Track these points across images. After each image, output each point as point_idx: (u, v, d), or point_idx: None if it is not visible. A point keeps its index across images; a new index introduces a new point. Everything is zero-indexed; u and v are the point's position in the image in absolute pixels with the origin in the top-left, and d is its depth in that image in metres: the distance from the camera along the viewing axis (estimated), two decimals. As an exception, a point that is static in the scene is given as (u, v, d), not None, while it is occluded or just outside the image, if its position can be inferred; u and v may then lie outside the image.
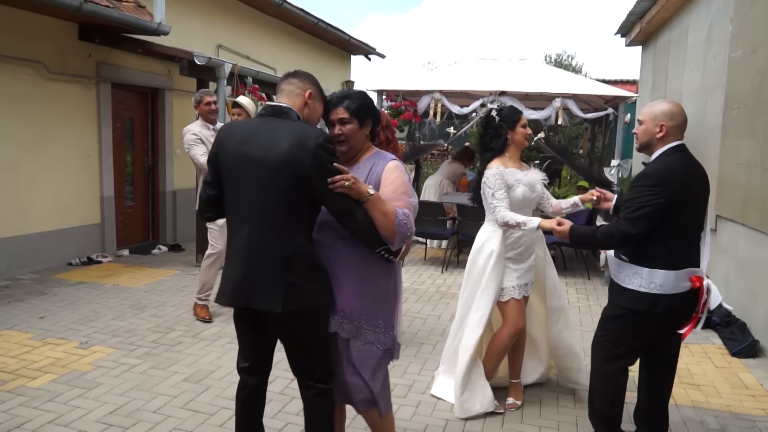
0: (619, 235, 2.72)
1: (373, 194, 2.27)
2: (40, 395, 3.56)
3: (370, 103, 2.50)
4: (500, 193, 3.35)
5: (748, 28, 5.47)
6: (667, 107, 2.85)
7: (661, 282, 2.71)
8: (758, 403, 3.82)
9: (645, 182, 2.72)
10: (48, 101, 6.68)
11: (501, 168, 3.40)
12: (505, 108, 3.55)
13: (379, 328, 2.46)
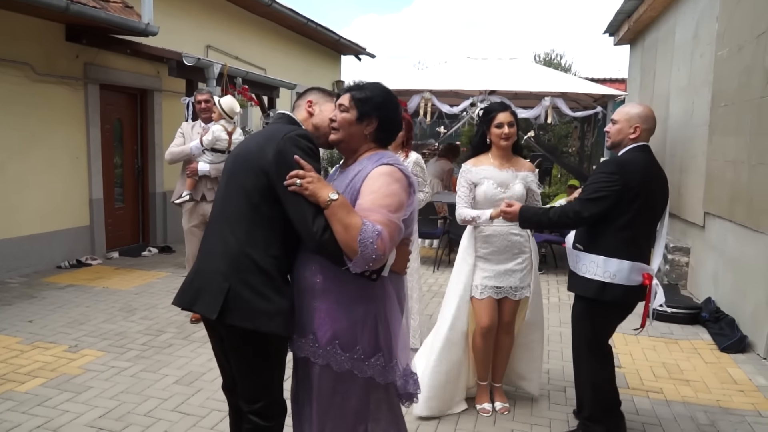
0: (572, 215, 2.88)
1: (335, 200, 1.93)
2: (28, 399, 3.53)
3: (384, 102, 2.17)
4: (462, 191, 3.44)
5: (734, 27, 5.51)
6: (642, 110, 3.00)
7: (614, 271, 2.86)
8: (747, 398, 3.85)
9: (605, 169, 2.92)
10: (35, 103, 6.62)
11: (468, 166, 3.46)
12: (487, 106, 3.57)
13: (358, 355, 2.06)
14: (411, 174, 2.12)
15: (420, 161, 4.72)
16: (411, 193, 2.08)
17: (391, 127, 2.21)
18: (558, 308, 5.87)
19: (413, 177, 2.13)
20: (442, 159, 9.46)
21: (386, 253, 1.93)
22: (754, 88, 4.92)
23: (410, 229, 2.16)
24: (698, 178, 6.22)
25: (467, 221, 3.40)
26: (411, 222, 2.16)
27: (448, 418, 3.46)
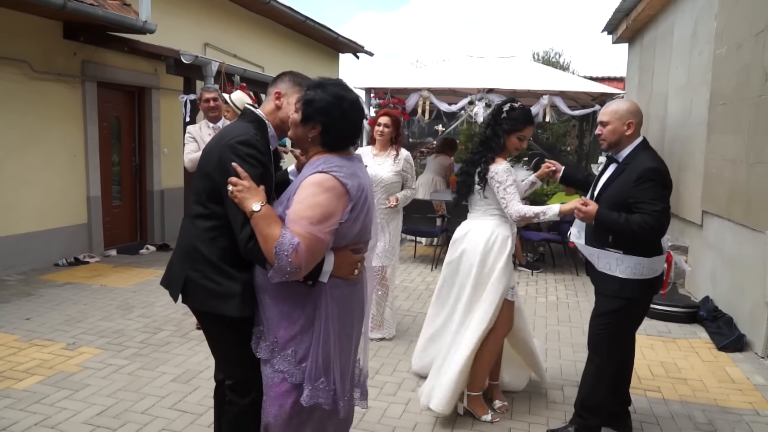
0: (657, 226, 2.81)
1: (257, 211, 1.96)
2: (26, 397, 3.52)
3: (328, 106, 2.06)
4: (511, 188, 3.26)
5: (733, 25, 5.51)
6: (629, 105, 3.03)
7: (657, 267, 2.97)
8: (745, 397, 3.85)
9: (655, 177, 2.85)
10: (33, 100, 6.60)
11: (506, 164, 3.33)
12: (519, 110, 3.33)
13: (290, 358, 2.10)
14: (347, 180, 2.01)
15: (410, 158, 4.76)
16: (348, 200, 2.02)
17: (337, 134, 2.10)
18: (556, 307, 5.87)
19: (351, 182, 2.02)
20: (441, 155, 9.40)
21: (302, 265, 1.93)
22: (752, 86, 4.92)
23: (360, 234, 2.13)
24: (696, 177, 6.22)
25: (530, 218, 3.24)
26: (358, 227, 2.10)
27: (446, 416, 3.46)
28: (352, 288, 2.19)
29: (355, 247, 2.14)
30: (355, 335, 2.25)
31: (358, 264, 2.15)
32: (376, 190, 4.59)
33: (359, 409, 3.47)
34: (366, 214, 2.12)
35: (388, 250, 4.65)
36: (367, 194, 2.12)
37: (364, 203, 2.09)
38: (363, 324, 2.31)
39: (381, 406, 3.57)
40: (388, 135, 4.65)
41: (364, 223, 2.12)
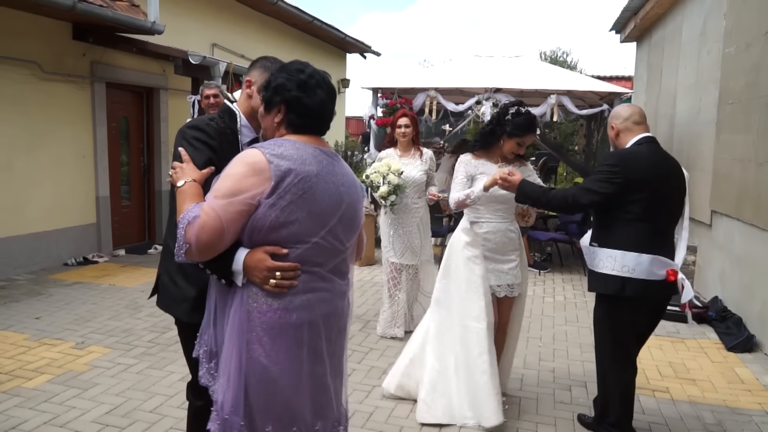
0: (571, 200, 2.90)
1: (179, 186, 1.84)
2: (36, 396, 3.55)
3: (286, 82, 1.85)
4: (458, 179, 3.37)
5: (742, 24, 5.48)
6: (614, 112, 3.08)
7: (633, 265, 2.79)
8: (754, 398, 3.83)
9: (607, 161, 2.92)
10: (42, 101, 6.65)
11: (468, 157, 3.41)
12: (523, 116, 3.32)
13: (212, 372, 1.89)
14: (276, 159, 1.72)
15: (434, 157, 4.87)
16: (268, 179, 1.70)
17: (301, 111, 1.84)
18: (563, 307, 5.85)
19: (281, 161, 1.72)
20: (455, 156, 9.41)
21: (192, 242, 1.67)
22: (761, 86, 4.89)
23: (291, 234, 1.75)
24: (705, 177, 6.19)
25: (461, 201, 3.30)
26: (282, 220, 1.72)
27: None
28: (303, 313, 1.78)
29: (274, 250, 1.74)
30: (312, 375, 1.83)
31: (274, 273, 1.72)
32: (410, 190, 4.67)
33: (366, 409, 3.49)
34: (307, 212, 1.75)
35: (422, 247, 4.73)
36: (314, 188, 1.76)
37: (302, 195, 1.73)
38: (332, 362, 1.90)
39: (389, 406, 3.57)
40: (410, 135, 4.75)
41: (300, 220, 1.74)
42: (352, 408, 3.52)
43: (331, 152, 1.91)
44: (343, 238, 1.88)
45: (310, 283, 1.80)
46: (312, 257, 1.79)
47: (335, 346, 1.92)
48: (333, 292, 1.87)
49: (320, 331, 1.83)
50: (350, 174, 1.95)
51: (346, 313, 1.97)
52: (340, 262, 1.89)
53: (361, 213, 1.97)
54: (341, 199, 1.85)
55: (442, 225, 7.79)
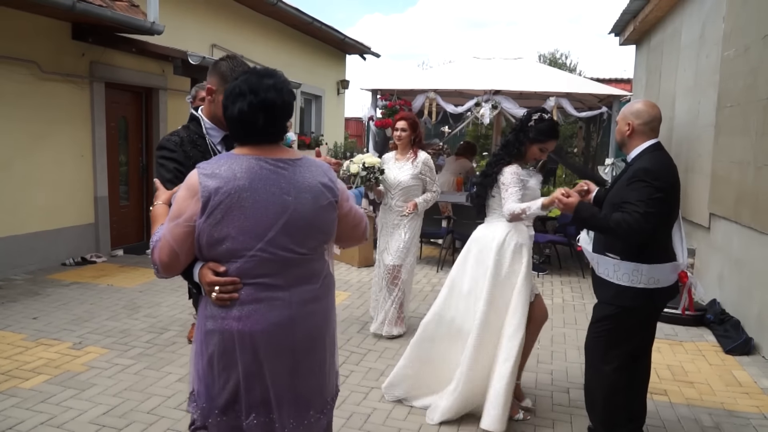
0: (636, 226, 2.69)
1: (151, 209, 2.02)
2: (33, 396, 3.54)
3: (227, 93, 1.88)
4: (513, 189, 3.34)
5: (741, 27, 5.49)
6: (636, 107, 2.97)
7: (659, 276, 2.81)
8: (752, 401, 3.83)
9: (646, 178, 2.76)
10: (41, 101, 6.65)
11: (518, 168, 3.41)
12: (546, 122, 3.39)
13: None
14: (206, 178, 1.78)
15: (429, 161, 4.81)
16: (198, 200, 1.77)
17: (228, 120, 1.88)
18: (562, 309, 5.85)
19: (209, 181, 1.78)
20: (461, 158, 9.40)
21: (157, 263, 1.84)
22: (760, 89, 4.90)
23: (231, 249, 1.80)
24: (704, 179, 6.19)
25: (517, 214, 3.29)
26: (221, 235, 1.79)
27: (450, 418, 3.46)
28: (245, 323, 1.83)
29: (213, 266, 1.83)
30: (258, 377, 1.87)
31: (214, 287, 1.81)
32: (394, 194, 4.72)
33: (364, 411, 3.48)
34: (237, 227, 1.79)
35: (402, 250, 4.71)
36: (244, 202, 1.78)
37: (228, 212, 1.77)
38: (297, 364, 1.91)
39: (386, 408, 3.56)
40: (406, 139, 4.74)
41: (233, 236, 1.79)
42: (350, 409, 3.52)
43: (282, 160, 1.88)
44: (295, 245, 1.86)
45: (255, 294, 1.84)
46: (253, 270, 1.83)
47: (300, 352, 1.92)
48: (287, 301, 1.87)
49: (270, 340, 1.86)
50: (304, 179, 1.89)
51: (315, 318, 1.95)
52: (299, 269, 1.90)
53: (320, 215, 1.91)
54: (284, 208, 1.83)
55: (441, 227, 7.79)
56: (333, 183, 1.97)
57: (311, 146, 13.82)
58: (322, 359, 2.00)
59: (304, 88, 12.22)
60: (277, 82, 1.87)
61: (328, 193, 1.94)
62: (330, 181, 1.96)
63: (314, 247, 1.93)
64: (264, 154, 1.86)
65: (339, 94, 15.79)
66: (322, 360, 2.00)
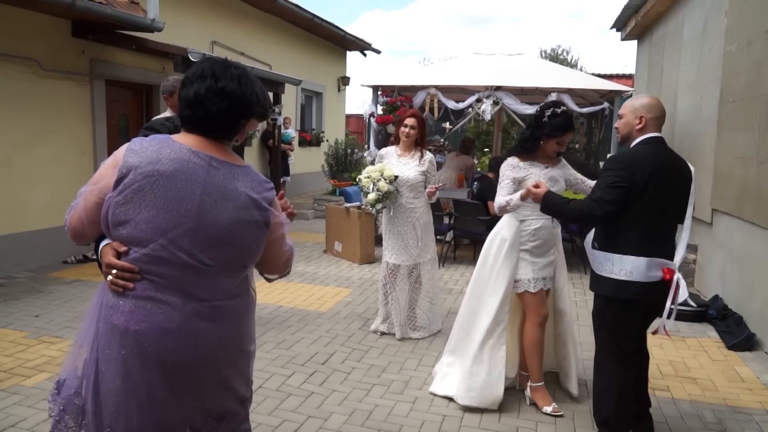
0: (588, 212, 2.85)
1: None
2: (35, 394, 3.54)
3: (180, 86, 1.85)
4: (504, 182, 3.45)
5: (743, 21, 5.46)
6: (646, 101, 2.97)
7: (630, 268, 2.80)
8: (755, 396, 3.82)
9: (612, 166, 2.87)
10: (42, 99, 6.64)
11: (515, 160, 3.48)
12: (560, 116, 3.40)
13: None
14: (130, 153, 1.70)
15: (434, 161, 4.75)
16: (119, 170, 1.67)
17: (182, 101, 1.78)
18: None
19: (131, 157, 1.69)
20: (462, 155, 9.43)
21: (67, 224, 1.81)
22: (763, 83, 4.88)
23: (138, 232, 1.68)
24: (706, 175, 6.17)
25: (504, 207, 3.42)
26: (128, 216, 1.68)
27: (453, 414, 3.45)
28: (131, 319, 1.69)
29: (116, 246, 1.71)
30: (138, 383, 1.71)
31: (111, 269, 1.70)
32: (402, 190, 4.59)
33: (366, 408, 3.48)
34: (143, 214, 1.67)
35: (421, 247, 4.63)
36: (157, 189, 1.67)
37: (138, 193, 1.66)
38: (178, 382, 1.75)
39: (388, 405, 3.56)
40: (414, 136, 4.63)
41: (136, 222, 1.67)
42: (352, 406, 3.52)
43: (218, 160, 1.75)
44: (199, 253, 1.71)
45: (148, 292, 1.70)
46: (149, 264, 1.69)
47: (182, 369, 1.74)
48: (178, 309, 1.71)
49: (153, 345, 1.70)
50: (234, 187, 1.75)
51: (205, 337, 1.74)
52: (200, 280, 1.73)
53: (238, 229, 1.75)
54: (198, 210, 1.69)
55: (442, 223, 7.78)
56: (265, 202, 1.80)
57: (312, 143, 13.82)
58: (211, 383, 1.82)
59: (305, 85, 12.20)
60: (243, 76, 1.78)
61: (255, 210, 1.77)
62: (262, 199, 1.79)
63: (224, 262, 1.75)
64: (201, 148, 1.75)
65: (340, 90, 15.77)
66: (208, 384, 1.81)
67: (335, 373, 4.01)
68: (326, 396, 3.65)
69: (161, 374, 1.71)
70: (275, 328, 4.89)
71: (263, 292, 5.92)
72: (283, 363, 4.14)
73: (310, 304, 5.65)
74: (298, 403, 3.54)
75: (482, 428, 3.31)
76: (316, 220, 10.82)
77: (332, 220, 8.03)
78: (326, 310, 5.47)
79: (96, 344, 1.74)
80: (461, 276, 6.90)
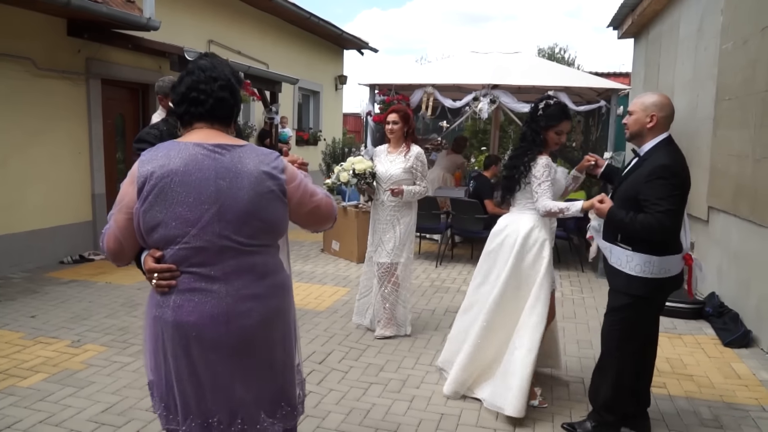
0: (658, 227, 2.76)
1: None
2: (31, 395, 3.53)
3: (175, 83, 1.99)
4: (546, 185, 3.39)
5: (739, 20, 5.47)
6: (657, 99, 2.99)
7: (669, 267, 2.88)
8: (751, 393, 3.83)
9: (665, 175, 2.81)
10: (37, 98, 6.61)
11: (549, 160, 3.46)
12: (554, 106, 3.44)
13: None
14: (143, 164, 1.82)
15: (422, 156, 4.68)
16: (138, 182, 1.80)
17: (176, 95, 1.93)
18: (561, 303, 5.83)
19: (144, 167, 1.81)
20: (453, 153, 9.44)
21: (104, 248, 1.92)
22: (759, 81, 4.88)
23: (167, 234, 1.81)
24: (702, 173, 6.18)
25: (554, 213, 3.36)
26: (157, 221, 1.80)
27: (451, 412, 3.46)
28: (178, 312, 1.83)
29: (152, 253, 1.85)
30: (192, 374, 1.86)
31: (153, 274, 1.84)
32: (386, 188, 4.61)
33: (363, 407, 3.48)
34: (168, 213, 1.79)
35: (398, 247, 4.61)
36: (175, 186, 1.78)
37: (160, 196, 1.78)
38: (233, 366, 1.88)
39: (385, 403, 3.56)
40: (398, 132, 4.65)
41: (165, 222, 1.80)
42: (349, 405, 3.52)
43: (221, 145, 1.86)
44: (232, 233, 1.82)
45: (191, 283, 1.83)
46: (188, 257, 1.82)
47: (237, 350, 1.87)
48: (223, 294, 1.83)
49: (203, 333, 1.82)
50: (243, 165, 1.85)
51: (251, 317, 1.87)
52: (237, 260, 1.84)
53: (259, 203, 1.85)
54: (218, 193, 1.80)
55: (440, 222, 7.78)
56: (276, 171, 1.89)
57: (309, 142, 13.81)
58: (268, 362, 1.94)
59: (302, 84, 12.17)
60: (224, 63, 1.98)
61: (270, 181, 1.87)
62: (273, 169, 1.89)
63: (253, 236, 1.87)
64: (204, 140, 1.87)
65: (337, 89, 15.75)
66: (267, 363, 1.94)
67: (333, 372, 4.01)
68: (324, 395, 3.65)
69: (221, 357, 1.85)
70: (272, 327, 4.88)
71: (260, 292, 5.92)
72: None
73: (308, 303, 5.65)
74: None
75: (480, 426, 3.31)
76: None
77: (329, 219, 8.01)
78: (324, 309, 5.47)
79: (159, 343, 1.88)
80: (458, 274, 6.90)
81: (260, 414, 1.92)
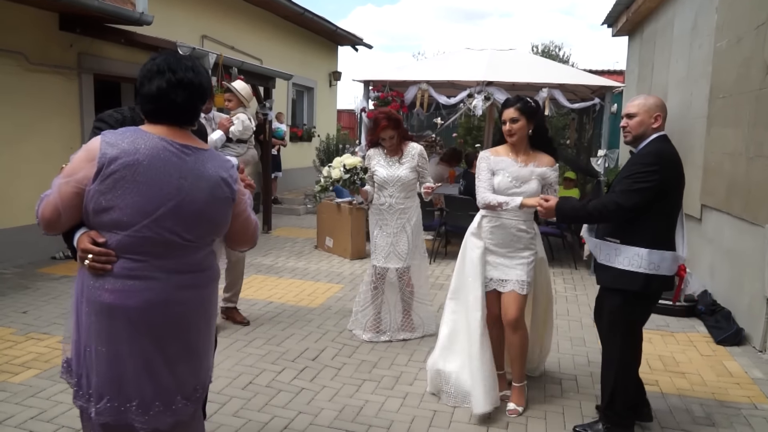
0: (612, 207, 2.82)
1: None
2: (22, 391, 3.51)
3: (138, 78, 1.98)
4: (483, 175, 3.41)
5: (733, 18, 5.48)
6: (657, 99, 3.08)
7: (658, 262, 2.86)
8: (743, 391, 3.85)
9: (643, 161, 2.87)
10: (29, 93, 6.56)
11: (488, 153, 3.46)
12: (507, 99, 3.45)
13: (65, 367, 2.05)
14: (107, 146, 1.83)
15: (424, 153, 4.51)
16: (95, 164, 1.81)
17: (144, 97, 1.93)
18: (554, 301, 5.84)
19: (109, 149, 1.82)
20: (442, 163, 9.21)
21: (38, 214, 1.93)
22: (752, 79, 4.90)
23: (119, 219, 1.83)
24: (695, 171, 6.21)
25: (492, 206, 3.33)
26: (108, 205, 1.82)
27: (443, 410, 3.45)
28: (117, 296, 1.86)
29: (93, 235, 1.88)
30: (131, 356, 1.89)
31: (87, 254, 1.86)
32: (393, 191, 4.41)
33: (356, 404, 3.48)
34: (127, 200, 1.82)
35: (411, 249, 4.46)
36: (138, 177, 1.82)
37: (121, 182, 1.81)
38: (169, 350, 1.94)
39: (378, 400, 3.56)
40: (396, 141, 4.40)
41: (121, 208, 1.82)
42: (342, 402, 3.52)
43: (188, 146, 1.93)
44: (182, 230, 1.90)
45: (133, 271, 1.87)
46: (134, 245, 1.87)
47: (171, 335, 1.95)
48: (164, 282, 1.90)
49: (143, 317, 1.89)
50: (205, 169, 1.94)
51: (189, 304, 1.98)
52: (182, 255, 1.94)
53: (213, 206, 1.96)
54: (178, 191, 1.87)
55: (434, 218, 7.78)
56: (232, 180, 2.01)
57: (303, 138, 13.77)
58: (194, 347, 2.03)
59: (296, 80, 12.13)
60: (195, 65, 1.98)
61: (226, 187, 1.98)
62: (230, 177, 2.00)
63: (201, 236, 1.97)
64: (171, 137, 1.92)
65: (331, 86, 15.71)
66: (193, 347, 2.02)
67: (326, 369, 4.00)
68: (317, 392, 3.64)
69: (154, 343, 1.91)
70: (265, 324, 4.87)
71: (253, 288, 5.90)
72: (273, 359, 4.13)
73: (301, 300, 5.63)
74: (288, 399, 3.53)
75: (472, 424, 3.31)
76: (307, 216, 10.79)
77: (323, 215, 8.01)
78: (317, 305, 5.46)
79: (87, 323, 1.90)
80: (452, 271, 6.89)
81: (177, 396, 1.98)
